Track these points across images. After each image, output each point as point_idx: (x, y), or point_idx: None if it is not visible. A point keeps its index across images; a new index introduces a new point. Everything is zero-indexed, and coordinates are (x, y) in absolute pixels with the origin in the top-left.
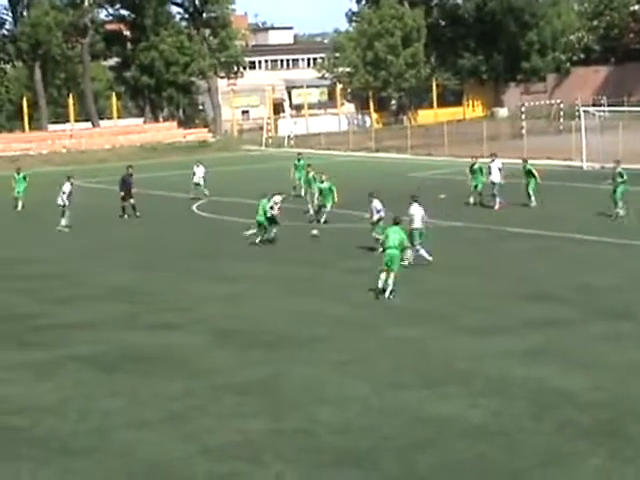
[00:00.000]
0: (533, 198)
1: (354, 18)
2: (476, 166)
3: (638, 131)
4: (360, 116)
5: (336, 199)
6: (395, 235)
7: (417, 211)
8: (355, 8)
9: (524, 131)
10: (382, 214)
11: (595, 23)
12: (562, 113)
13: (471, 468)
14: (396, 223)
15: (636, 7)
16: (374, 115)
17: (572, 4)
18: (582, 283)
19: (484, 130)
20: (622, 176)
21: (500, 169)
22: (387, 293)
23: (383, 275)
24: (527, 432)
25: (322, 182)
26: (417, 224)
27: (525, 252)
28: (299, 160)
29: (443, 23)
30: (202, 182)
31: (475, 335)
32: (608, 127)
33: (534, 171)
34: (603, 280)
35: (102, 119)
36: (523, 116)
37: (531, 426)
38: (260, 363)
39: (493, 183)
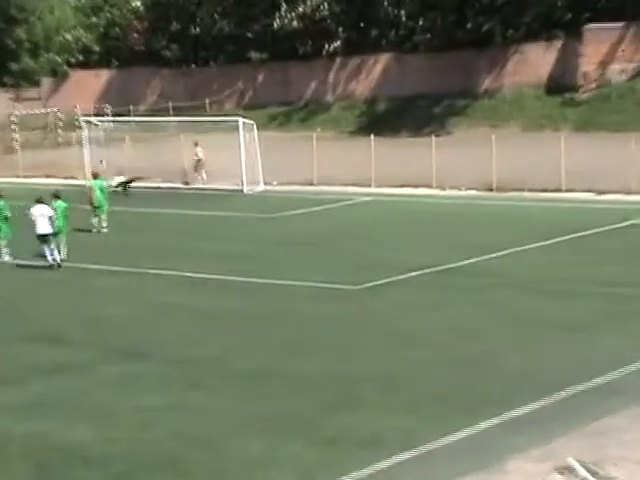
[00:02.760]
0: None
1: None
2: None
3: (146, 143)
4: None
5: None
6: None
7: None
8: None
9: (17, 145)
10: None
11: (94, 20)
12: (60, 123)
13: None
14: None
15: (138, 3)
16: None
17: None
18: (92, 319)
19: None
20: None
21: None
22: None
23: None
24: None
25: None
26: None
27: (24, 285)
28: None
29: None
30: None
31: None
32: (113, 139)
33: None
34: (114, 314)
35: None
36: (15, 127)
37: None
38: None
39: None
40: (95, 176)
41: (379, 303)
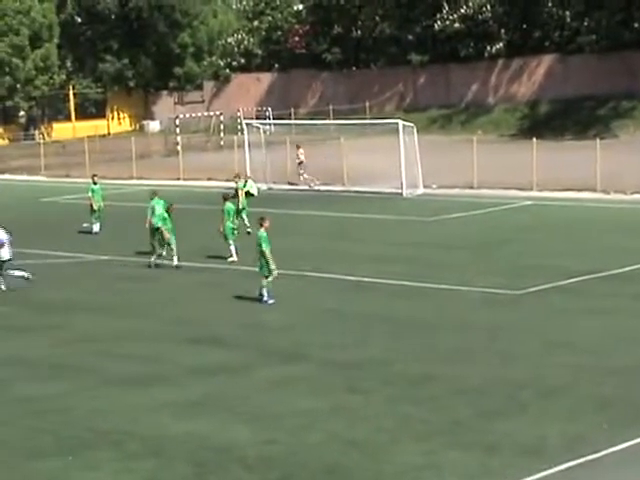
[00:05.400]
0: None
1: None
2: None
3: (307, 146)
4: None
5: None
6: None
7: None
8: None
9: (179, 147)
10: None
11: (256, 24)
12: (222, 126)
13: None
14: None
15: (300, 7)
16: None
17: (229, 1)
18: (251, 322)
19: (133, 147)
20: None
21: None
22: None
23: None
24: None
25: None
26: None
27: (188, 288)
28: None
29: (80, 20)
30: None
31: (126, 388)
32: (274, 143)
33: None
34: (274, 316)
35: None
36: (178, 130)
37: None
38: None
39: None
40: (238, 178)
41: (540, 309)
